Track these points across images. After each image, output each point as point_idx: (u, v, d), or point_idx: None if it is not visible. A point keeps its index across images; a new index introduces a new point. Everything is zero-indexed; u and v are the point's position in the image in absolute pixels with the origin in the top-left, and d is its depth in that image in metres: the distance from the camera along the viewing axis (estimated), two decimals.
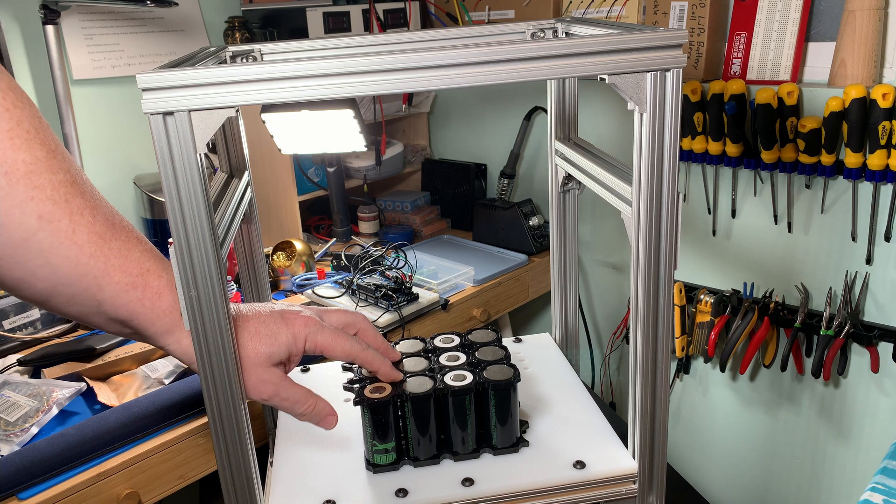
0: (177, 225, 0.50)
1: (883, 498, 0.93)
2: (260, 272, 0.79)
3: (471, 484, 0.64)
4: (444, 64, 0.50)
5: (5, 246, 0.49)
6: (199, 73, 0.48)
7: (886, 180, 1.15)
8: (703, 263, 1.45)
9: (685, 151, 1.35)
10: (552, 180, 0.83)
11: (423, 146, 1.92)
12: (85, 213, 0.51)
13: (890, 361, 1.24)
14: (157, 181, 1.50)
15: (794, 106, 1.20)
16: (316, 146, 1.06)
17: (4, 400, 1.00)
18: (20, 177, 0.48)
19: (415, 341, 0.75)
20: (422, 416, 0.66)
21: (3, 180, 0.47)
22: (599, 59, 0.52)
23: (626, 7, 1.43)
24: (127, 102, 1.52)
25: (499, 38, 0.77)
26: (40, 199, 0.49)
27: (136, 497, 0.92)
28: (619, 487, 0.65)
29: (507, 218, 1.62)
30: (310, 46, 0.73)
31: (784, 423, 1.44)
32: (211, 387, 0.54)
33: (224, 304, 0.53)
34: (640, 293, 0.59)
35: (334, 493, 0.64)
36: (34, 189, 0.48)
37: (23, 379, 1.07)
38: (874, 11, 1.14)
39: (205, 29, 1.63)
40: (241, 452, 0.57)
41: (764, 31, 1.28)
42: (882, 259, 1.22)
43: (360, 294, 1.31)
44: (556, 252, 0.86)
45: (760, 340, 1.34)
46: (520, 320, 1.87)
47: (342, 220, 1.70)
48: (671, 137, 0.55)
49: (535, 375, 0.82)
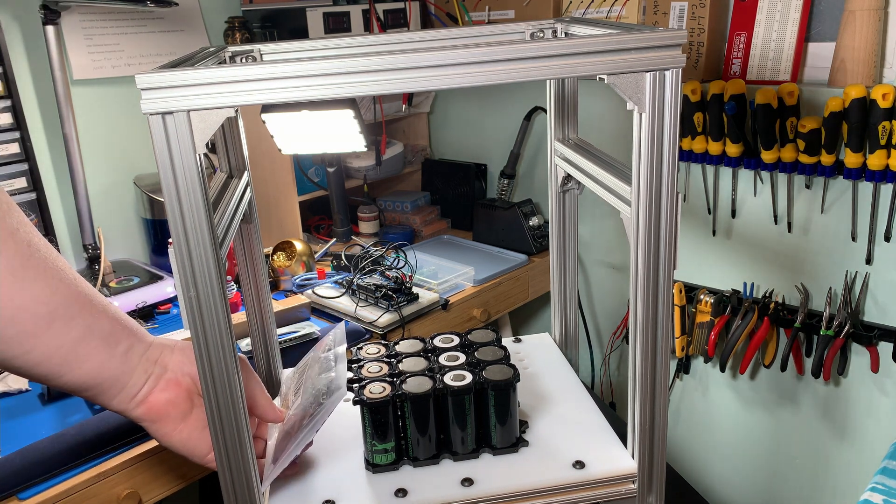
0: (176, 225, 0.50)
1: (883, 498, 0.93)
2: (260, 272, 0.79)
3: (470, 484, 0.64)
4: (444, 64, 0.50)
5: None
6: (199, 73, 0.48)
7: (886, 180, 1.15)
8: (703, 263, 1.45)
9: (685, 151, 1.35)
10: (552, 180, 0.83)
11: (423, 146, 1.92)
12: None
13: (890, 361, 1.24)
14: (157, 181, 1.49)
15: (794, 106, 1.19)
16: (316, 146, 1.06)
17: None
18: None
19: (415, 341, 0.75)
20: (421, 416, 0.66)
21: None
22: (599, 58, 0.52)
23: (626, 7, 1.43)
24: (127, 102, 1.52)
25: (499, 38, 0.77)
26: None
27: (136, 497, 0.92)
28: (619, 487, 0.65)
29: (507, 218, 1.62)
30: (310, 46, 0.73)
31: (784, 423, 1.44)
32: (210, 387, 0.54)
33: (224, 304, 0.53)
34: (639, 293, 0.59)
35: (334, 493, 0.64)
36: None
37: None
38: (874, 11, 1.14)
39: (205, 29, 1.63)
40: (240, 452, 0.57)
41: (764, 32, 1.28)
42: (882, 259, 1.22)
43: (360, 294, 1.31)
44: (555, 252, 0.86)
45: (760, 340, 1.34)
46: (520, 320, 1.87)
47: (342, 220, 1.70)
48: (671, 137, 0.55)
49: (534, 375, 0.82)
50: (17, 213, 0.55)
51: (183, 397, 0.62)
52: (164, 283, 1.35)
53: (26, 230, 0.54)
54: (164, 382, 0.62)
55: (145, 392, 0.61)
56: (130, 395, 0.61)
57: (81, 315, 0.57)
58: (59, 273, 0.56)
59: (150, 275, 1.38)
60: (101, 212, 1.47)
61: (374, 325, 1.24)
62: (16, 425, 0.97)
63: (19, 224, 0.54)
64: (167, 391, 0.62)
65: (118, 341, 0.59)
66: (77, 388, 0.58)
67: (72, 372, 0.57)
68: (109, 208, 1.51)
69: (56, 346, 0.55)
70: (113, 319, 0.59)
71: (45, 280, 0.54)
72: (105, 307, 0.59)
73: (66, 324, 0.56)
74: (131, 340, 0.60)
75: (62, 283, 0.56)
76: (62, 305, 0.55)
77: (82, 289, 0.57)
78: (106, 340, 0.58)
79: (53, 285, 0.55)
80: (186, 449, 0.63)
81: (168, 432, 0.62)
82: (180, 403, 0.62)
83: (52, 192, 1.42)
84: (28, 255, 0.54)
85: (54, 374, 0.56)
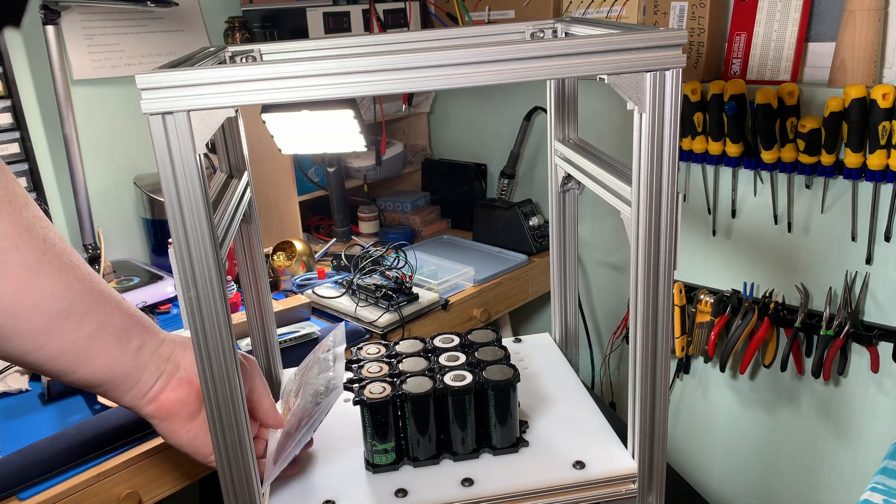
0: (176, 225, 0.50)
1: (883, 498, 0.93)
2: (260, 272, 0.79)
3: (470, 484, 0.64)
4: (444, 64, 0.50)
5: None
6: (199, 73, 0.48)
7: (886, 180, 1.15)
8: (703, 263, 1.45)
9: (685, 151, 1.35)
10: (552, 180, 0.83)
11: (423, 146, 1.92)
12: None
13: (890, 361, 1.24)
14: (157, 181, 1.49)
15: (794, 106, 1.19)
16: (316, 146, 1.06)
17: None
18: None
19: (415, 341, 0.75)
20: (421, 416, 0.66)
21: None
22: (599, 58, 0.52)
23: (626, 7, 1.43)
24: (127, 102, 1.52)
25: (499, 38, 0.77)
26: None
27: (136, 497, 0.92)
28: (619, 487, 0.65)
29: (507, 218, 1.62)
30: (310, 46, 0.73)
31: (784, 423, 1.44)
32: (211, 387, 0.54)
33: (224, 304, 0.53)
34: (639, 293, 0.59)
35: (334, 494, 0.64)
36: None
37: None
38: (874, 11, 1.14)
39: (205, 29, 1.63)
40: (241, 452, 0.57)
41: (764, 32, 1.28)
42: (882, 259, 1.22)
43: (360, 294, 1.31)
44: (555, 252, 0.86)
45: (760, 340, 1.34)
46: (520, 320, 1.87)
47: (342, 220, 1.70)
48: (671, 137, 0.55)
49: (534, 375, 0.82)
50: (34, 208, 0.54)
51: (193, 396, 0.62)
52: (164, 283, 1.35)
53: (42, 225, 0.54)
54: (177, 381, 0.62)
55: (157, 390, 0.61)
56: (142, 392, 0.60)
57: (95, 311, 0.56)
58: (73, 269, 0.55)
59: (150, 275, 1.38)
60: (101, 212, 1.47)
61: (374, 325, 1.24)
62: (16, 425, 0.97)
63: (35, 219, 0.54)
64: (178, 390, 0.62)
65: (130, 338, 0.59)
66: (89, 384, 0.58)
67: (84, 368, 0.57)
68: (109, 208, 1.51)
69: (69, 342, 0.55)
70: (125, 315, 0.59)
71: (60, 276, 0.54)
72: (118, 303, 0.59)
73: (80, 320, 0.55)
74: (144, 337, 0.60)
75: (76, 279, 0.55)
76: (76, 301, 0.55)
77: (96, 284, 0.57)
78: (118, 337, 0.58)
79: (68, 281, 0.55)
80: (192, 447, 0.63)
81: (176, 430, 0.62)
82: (190, 402, 0.62)
83: (52, 192, 1.42)
84: (44, 250, 0.54)
85: (67, 369, 0.56)
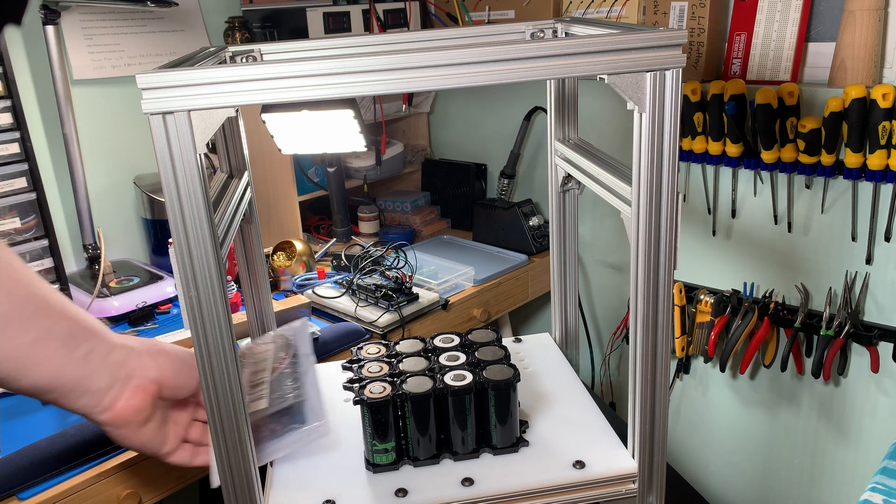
0: (177, 225, 0.50)
1: (883, 498, 0.93)
2: (260, 272, 0.79)
3: (470, 484, 0.64)
4: (444, 64, 0.50)
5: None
6: (199, 73, 0.48)
7: (886, 180, 1.15)
8: (703, 263, 1.45)
9: (685, 151, 1.35)
10: (552, 180, 0.83)
11: (423, 146, 1.92)
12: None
13: (890, 361, 1.24)
14: (157, 181, 1.50)
15: (794, 106, 1.19)
16: (316, 146, 1.06)
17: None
18: None
19: (415, 341, 0.75)
20: (421, 416, 0.66)
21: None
22: (599, 58, 0.52)
23: (626, 7, 1.43)
24: (127, 102, 1.52)
25: (499, 38, 0.77)
26: None
27: (136, 497, 0.92)
28: (619, 487, 0.65)
29: (507, 218, 1.62)
30: (310, 46, 0.73)
31: (784, 423, 1.44)
32: (211, 387, 0.54)
33: (224, 304, 0.53)
34: (639, 293, 0.59)
35: (334, 493, 0.64)
36: None
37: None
38: (874, 11, 1.14)
39: (205, 29, 1.63)
40: (241, 452, 0.57)
41: (764, 32, 1.28)
42: (882, 259, 1.22)
43: (360, 294, 1.31)
44: (555, 252, 0.86)
45: (760, 340, 1.34)
46: (520, 320, 1.87)
47: (342, 220, 1.70)
48: (671, 137, 0.55)
49: (534, 375, 0.82)
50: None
51: (148, 403, 0.62)
52: (164, 283, 1.35)
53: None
54: (131, 391, 0.61)
55: (111, 398, 0.60)
56: (96, 400, 0.60)
57: (38, 317, 0.55)
58: (14, 273, 0.55)
59: (150, 275, 1.38)
60: (101, 212, 1.47)
61: (374, 325, 1.24)
62: (16, 425, 0.97)
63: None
64: (134, 398, 0.61)
65: (78, 343, 0.58)
66: (36, 391, 0.57)
67: (28, 375, 0.56)
68: (109, 208, 1.51)
69: (12, 349, 0.54)
70: (73, 321, 0.58)
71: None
72: (64, 308, 0.58)
73: (22, 326, 0.54)
74: (92, 342, 0.59)
75: (18, 285, 0.55)
76: (17, 307, 0.54)
77: (38, 290, 0.56)
78: (65, 343, 0.57)
79: (8, 286, 0.54)
80: (146, 449, 0.64)
81: (129, 435, 0.62)
82: (145, 409, 0.62)
83: (52, 192, 1.42)
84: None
85: (10, 376, 0.55)
